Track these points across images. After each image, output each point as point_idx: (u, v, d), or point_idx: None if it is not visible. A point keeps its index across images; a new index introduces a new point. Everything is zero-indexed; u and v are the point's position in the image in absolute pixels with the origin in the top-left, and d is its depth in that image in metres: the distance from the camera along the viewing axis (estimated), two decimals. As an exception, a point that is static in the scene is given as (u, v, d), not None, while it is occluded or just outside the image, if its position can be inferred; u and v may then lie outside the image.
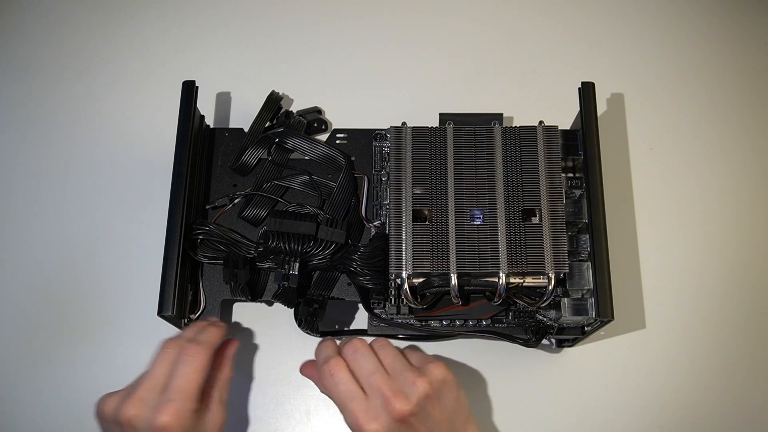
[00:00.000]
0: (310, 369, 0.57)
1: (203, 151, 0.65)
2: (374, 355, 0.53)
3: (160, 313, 0.55)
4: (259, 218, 0.63)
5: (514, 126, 0.60)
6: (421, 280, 0.57)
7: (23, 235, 0.69)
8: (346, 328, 0.65)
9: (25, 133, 0.73)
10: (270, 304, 0.66)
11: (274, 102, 0.67)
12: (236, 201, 0.64)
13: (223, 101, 0.74)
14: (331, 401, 0.54)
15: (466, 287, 0.57)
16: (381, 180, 0.64)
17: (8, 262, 0.69)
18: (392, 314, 0.60)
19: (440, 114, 0.63)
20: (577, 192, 0.60)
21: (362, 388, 0.51)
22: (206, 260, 0.61)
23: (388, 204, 0.61)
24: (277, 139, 0.64)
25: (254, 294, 0.62)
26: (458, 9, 0.79)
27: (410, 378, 0.51)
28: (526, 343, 0.61)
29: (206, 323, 0.57)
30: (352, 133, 0.66)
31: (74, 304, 0.67)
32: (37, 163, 0.72)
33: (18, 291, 0.68)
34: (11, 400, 0.64)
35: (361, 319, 0.66)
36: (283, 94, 0.68)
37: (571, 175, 0.61)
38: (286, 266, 0.58)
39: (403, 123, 0.61)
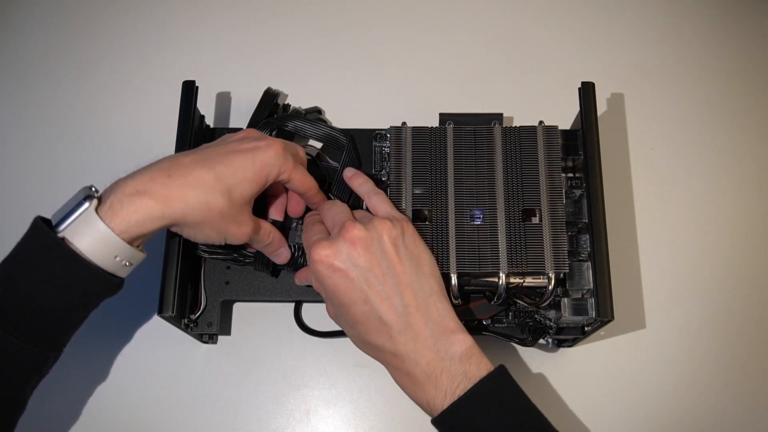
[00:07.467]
0: (304, 272, 0.60)
1: (203, 151, 0.64)
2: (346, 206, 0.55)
3: (160, 313, 0.55)
4: None
5: (514, 126, 0.60)
6: (421, 280, 0.57)
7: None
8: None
9: (25, 134, 0.73)
10: (270, 303, 0.66)
11: (270, 98, 0.67)
12: None
13: (223, 101, 0.74)
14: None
15: (466, 287, 0.57)
16: (381, 180, 0.64)
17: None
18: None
19: (440, 114, 0.63)
20: (577, 192, 0.60)
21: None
22: (206, 255, 0.60)
23: (388, 204, 0.61)
24: (278, 123, 0.65)
25: (275, 270, 0.62)
26: (458, 9, 0.79)
27: (375, 221, 0.51)
28: (523, 343, 0.61)
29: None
30: (352, 133, 0.66)
31: (74, 304, 0.67)
32: (37, 162, 0.72)
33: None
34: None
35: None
36: (278, 90, 0.68)
37: (571, 175, 0.61)
38: None
39: (403, 123, 0.61)
